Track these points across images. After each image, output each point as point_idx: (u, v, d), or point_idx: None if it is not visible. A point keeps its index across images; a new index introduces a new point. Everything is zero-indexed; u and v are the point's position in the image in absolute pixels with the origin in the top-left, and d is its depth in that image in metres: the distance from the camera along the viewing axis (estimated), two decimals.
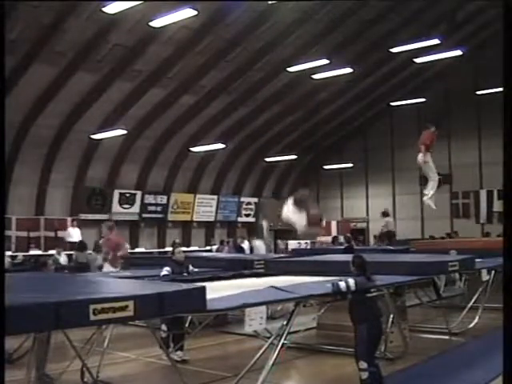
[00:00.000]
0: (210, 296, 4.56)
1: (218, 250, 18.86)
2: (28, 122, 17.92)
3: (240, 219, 27.01)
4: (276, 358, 5.28)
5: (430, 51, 18.03)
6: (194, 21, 14.80)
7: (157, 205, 23.32)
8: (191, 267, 8.79)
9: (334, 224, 28.25)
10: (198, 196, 24.93)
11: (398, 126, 27.30)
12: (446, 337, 9.13)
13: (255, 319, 4.88)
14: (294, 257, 11.44)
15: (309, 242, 25.16)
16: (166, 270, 8.33)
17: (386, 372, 5.97)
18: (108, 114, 19.31)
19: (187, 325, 8.17)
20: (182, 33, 16.81)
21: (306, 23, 18.26)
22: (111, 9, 12.15)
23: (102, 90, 18.14)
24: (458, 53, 18.45)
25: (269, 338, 6.01)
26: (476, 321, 9.50)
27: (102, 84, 17.98)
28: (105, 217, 21.61)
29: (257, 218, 27.39)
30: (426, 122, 12.21)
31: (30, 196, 19.48)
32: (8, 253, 15.08)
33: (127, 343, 8.59)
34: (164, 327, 7.63)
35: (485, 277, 9.32)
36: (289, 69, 18.82)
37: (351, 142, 28.91)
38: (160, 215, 23.46)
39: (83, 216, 20.15)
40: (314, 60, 17.44)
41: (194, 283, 5.40)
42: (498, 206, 23.60)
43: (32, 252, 17.40)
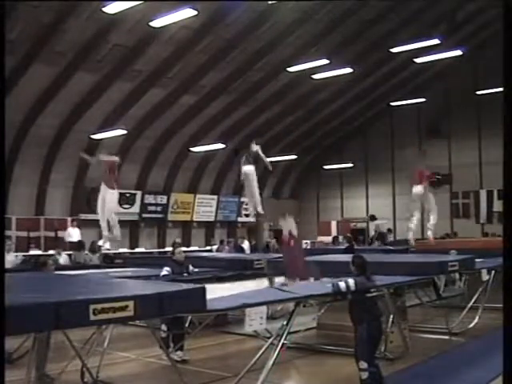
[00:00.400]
0: (209, 296, 4.56)
1: (218, 250, 18.86)
2: (28, 121, 17.91)
3: (240, 219, 27.01)
4: (276, 358, 5.29)
5: (430, 51, 18.01)
6: (194, 21, 14.79)
7: (157, 205, 23.32)
8: (191, 267, 8.79)
9: (333, 224, 28.26)
10: (198, 196, 24.93)
11: (398, 126, 27.29)
12: (446, 337, 9.14)
13: (255, 319, 4.89)
14: None
15: (309, 242, 25.18)
16: (165, 270, 8.34)
17: (386, 372, 5.97)
18: (108, 114, 19.31)
19: (187, 325, 8.16)
20: (182, 33, 16.81)
21: (306, 23, 18.25)
22: (111, 9, 12.14)
23: (102, 90, 18.14)
24: (458, 53, 18.43)
25: (269, 338, 6.01)
26: (476, 321, 9.50)
27: (102, 84, 17.97)
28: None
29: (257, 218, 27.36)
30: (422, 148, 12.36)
31: (30, 196, 19.48)
32: (12, 253, 15.10)
33: (127, 343, 8.59)
34: (164, 327, 7.63)
35: (485, 277, 9.33)
36: (289, 69, 18.81)
37: (351, 142, 28.89)
38: (160, 215, 23.45)
39: (83, 216, 20.13)
40: (314, 60, 17.43)
41: (194, 283, 5.40)
42: (498, 205, 23.58)
43: (32, 252, 17.39)
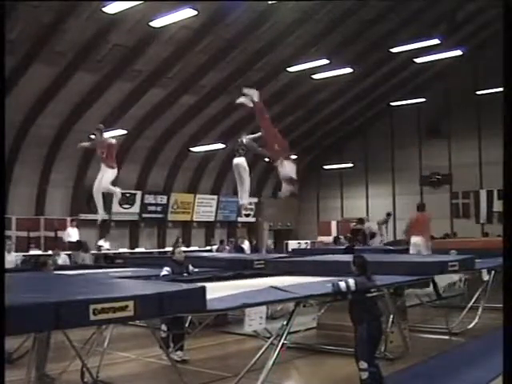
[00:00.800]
0: (209, 296, 4.56)
1: (218, 250, 18.87)
2: (28, 122, 17.91)
3: (240, 219, 27.01)
4: (276, 358, 5.28)
5: (430, 51, 18.03)
6: (194, 21, 14.80)
7: (157, 205, 23.32)
8: (191, 267, 8.79)
9: (333, 224, 28.26)
10: (198, 196, 24.93)
11: (398, 126, 27.29)
12: (446, 337, 9.14)
13: (255, 319, 4.89)
14: (293, 257, 11.44)
15: (309, 242, 25.20)
16: (165, 270, 8.33)
17: (386, 372, 5.97)
18: (108, 114, 19.30)
19: (187, 325, 8.16)
20: (182, 33, 16.81)
21: (306, 23, 18.25)
22: (111, 9, 12.16)
23: (102, 90, 18.13)
24: (458, 53, 18.45)
25: (269, 338, 6.01)
26: (476, 321, 9.50)
27: (101, 84, 17.96)
28: (105, 217, 21.60)
29: (257, 218, 27.43)
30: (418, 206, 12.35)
31: (30, 196, 19.48)
32: (13, 253, 15.11)
33: (127, 343, 8.59)
34: (164, 327, 7.63)
35: (485, 277, 9.33)
36: (289, 69, 18.82)
37: (351, 142, 28.89)
38: (160, 215, 23.45)
39: (83, 216, 20.12)
40: (314, 60, 17.45)
41: (194, 283, 5.40)
42: (498, 205, 23.58)
43: (32, 252, 17.40)
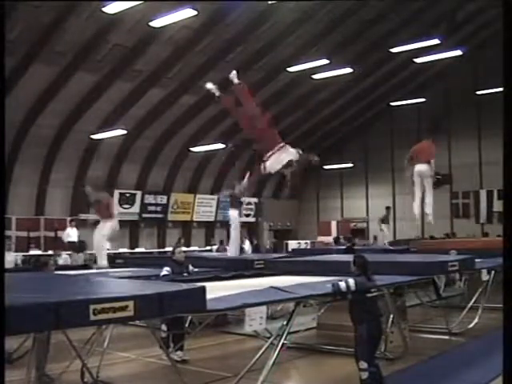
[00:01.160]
0: (210, 296, 4.56)
1: (218, 250, 18.85)
2: (28, 122, 17.92)
3: (240, 219, 26.95)
4: (276, 358, 5.28)
5: (430, 51, 18.03)
6: (194, 21, 14.80)
7: (157, 205, 23.32)
8: (191, 267, 8.78)
9: (333, 224, 28.26)
10: (198, 196, 24.94)
11: (398, 126, 27.29)
12: (446, 337, 9.13)
13: (255, 319, 4.88)
14: (293, 257, 11.44)
15: (309, 242, 25.21)
16: (165, 270, 8.32)
17: (386, 372, 5.97)
18: (108, 114, 19.31)
19: (187, 325, 8.16)
20: (182, 33, 16.82)
21: (306, 23, 18.26)
22: (111, 9, 12.16)
23: (102, 90, 18.14)
24: (458, 53, 18.45)
25: (269, 338, 6.01)
26: (476, 321, 9.49)
27: (102, 84, 17.97)
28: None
29: (257, 218, 27.44)
30: (426, 131, 12.07)
31: (30, 196, 19.49)
32: (12, 253, 15.11)
33: (127, 343, 8.58)
34: (164, 327, 7.62)
35: (485, 277, 9.33)
36: (289, 69, 18.82)
37: (351, 142, 28.90)
38: (160, 215, 23.46)
39: (83, 216, 20.13)
40: (314, 60, 17.45)
41: (194, 283, 5.39)
42: (497, 205, 23.59)
43: (32, 252, 17.40)
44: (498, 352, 3.65)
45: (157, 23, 13.49)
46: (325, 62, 17.32)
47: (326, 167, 28.38)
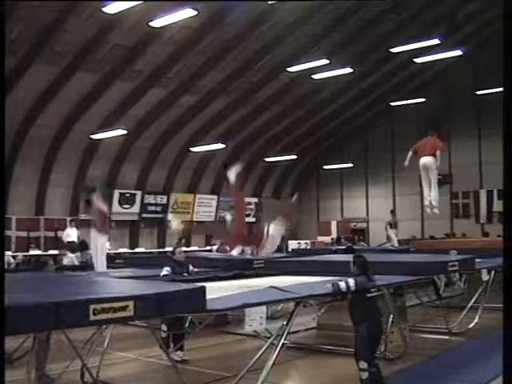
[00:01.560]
0: (209, 296, 4.56)
1: (218, 250, 18.83)
2: (28, 122, 17.92)
3: None
4: (276, 358, 5.28)
5: (430, 51, 18.01)
6: (194, 21, 14.79)
7: (157, 205, 23.32)
8: (191, 267, 8.79)
9: (333, 224, 28.27)
10: (198, 196, 24.94)
11: (398, 126, 27.27)
12: (446, 337, 9.13)
13: (255, 319, 4.89)
14: (293, 257, 11.44)
15: (309, 242, 25.20)
16: (165, 270, 8.33)
17: (386, 372, 5.97)
18: (108, 113, 19.31)
19: (187, 325, 8.16)
20: (182, 33, 16.81)
21: (306, 23, 18.25)
22: (111, 9, 12.14)
23: (102, 90, 18.14)
24: (458, 53, 18.43)
25: (269, 338, 6.01)
26: (476, 321, 9.50)
27: (102, 84, 17.97)
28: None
29: (257, 217, 27.42)
30: (429, 128, 12.04)
31: (30, 196, 19.48)
32: (8, 253, 15.11)
33: (127, 343, 8.59)
34: (164, 327, 7.62)
35: (485, 277, 9.33)
36: (289, 69, 18.81)
37: (351, 142, 28.89)
38: (160, 215, 23.45)
39: (83, 216, 20.13)
40: (314, 60, 17.43)
41: (194, 283, 5.40)
42: (497, 205, 23.59)
43: (32, 252, 17.40)
44: (497, 352, 3.65)
45: (157, 23, 13.47)
46: (325, 62, 17.31)
47: (325, 167, 28.42)
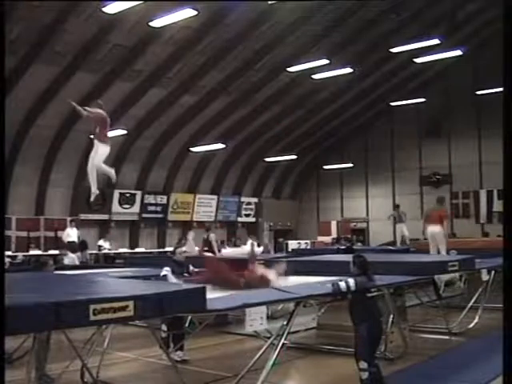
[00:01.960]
0: (209, 296, 4.56)
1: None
2: (28, 122, 17.92)
3: (240, 219, 27.02)
4: (276, 358, 5.28)
5: (430, 51, 18.02)
6: (194, 21, 14.80)
7: (157, 205, 23.33)
8: (191, 267, 8.78)
9: (333, 224, 28.27)
10: (198, 196, 24.94)
11: (398, 126, 27.31)
12: (446, 337, 9.13)
13: (256, 319, 4.89)
14: (293, 257, 11.44)
15: (309, 242, 25.20)
16: (165, 270, 8.31)
17: (386, 372, 5.96)
18: (108, 114, 19.26)
19: (187, 325, 8.16)
20: (182, 33, 16.81)
21: (306, 23, 18.25)
22: (111, 9, 12.14)
23: (102, 90, 18.13)
24: (458, 53, 18.44)
25: (269, 338, 6.01)
26: (476, 321, 9.49)
27: (102, 84, 17.97)
28: (105, 217, 21.62)
29: (257, 218, 27.44)
30: (436, 200, 12.45)
31: (30, 196, 19.49)
32: (7, 253, 15.09)
33: (127, 343, 8.58)
34: (164, 327, 7.62)
35: (485, 277, 9.33)
36: (289, 69, 18.81)
37: (351, 142, 28.89)
38: (160, 215, 23.46)
39: (83, 216, 20.14)
40: (314, 60, 17.44)
41: (194, 283, 5.40)
42: (497, 205, 23.59)
43: (32, 252, 17.40)
44: (498, 352, 3.65)
45: (157, 23, 13.48)
46: (325, 62, 17.31)
47: (325, 167, 28.42)
